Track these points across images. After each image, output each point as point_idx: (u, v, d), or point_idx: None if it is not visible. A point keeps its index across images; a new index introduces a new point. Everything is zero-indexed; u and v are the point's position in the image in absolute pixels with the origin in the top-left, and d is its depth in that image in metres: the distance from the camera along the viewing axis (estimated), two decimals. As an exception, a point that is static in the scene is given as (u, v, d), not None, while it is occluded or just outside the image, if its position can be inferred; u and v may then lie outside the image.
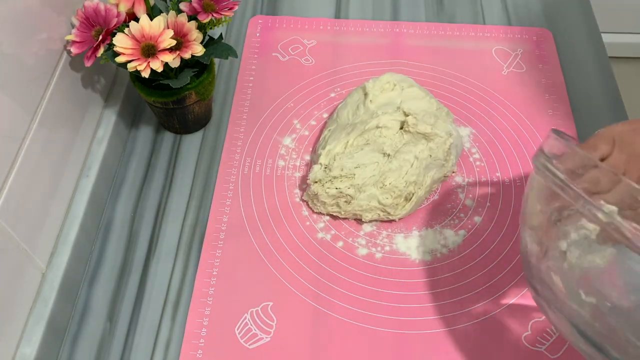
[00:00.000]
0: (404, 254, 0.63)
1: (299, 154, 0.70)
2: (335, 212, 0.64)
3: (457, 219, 0.65)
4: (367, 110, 0.67)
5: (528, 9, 0.85)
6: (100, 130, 0.68)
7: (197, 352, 0.57)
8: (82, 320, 0.60)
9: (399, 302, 0.60)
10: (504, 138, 0.71)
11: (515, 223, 0.65)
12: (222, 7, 0.62)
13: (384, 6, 0.86)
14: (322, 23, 0.83)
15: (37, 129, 0.55)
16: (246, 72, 0.78)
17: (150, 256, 0.63)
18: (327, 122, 0.71)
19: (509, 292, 0.60)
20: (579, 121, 0.73)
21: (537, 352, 0.57)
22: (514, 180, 0.68)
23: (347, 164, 0.62)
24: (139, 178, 0.69)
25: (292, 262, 0.62)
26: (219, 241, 0.64)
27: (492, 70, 0.78)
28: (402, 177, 0.61)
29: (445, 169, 0.65)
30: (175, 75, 0.63)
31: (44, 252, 0.58)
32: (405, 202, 0.63)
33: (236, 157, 0.70)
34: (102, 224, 0.66)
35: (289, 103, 0.75)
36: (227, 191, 0.67)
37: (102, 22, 0.60)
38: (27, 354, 0.53)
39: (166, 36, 0.59)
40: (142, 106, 0.75)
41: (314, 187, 0.63)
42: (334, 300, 0.60)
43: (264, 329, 0.58)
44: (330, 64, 0.79)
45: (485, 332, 0.58)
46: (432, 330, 0.58)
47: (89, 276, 0.62)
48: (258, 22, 0.84)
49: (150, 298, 0.61)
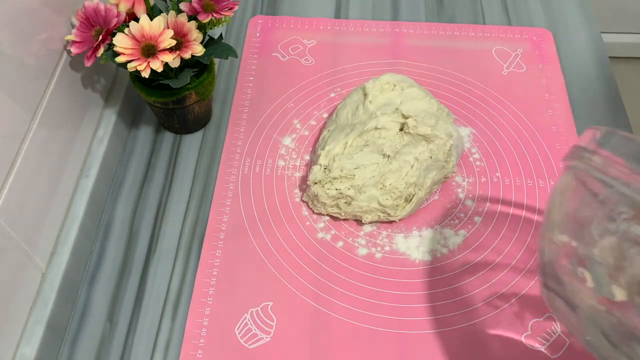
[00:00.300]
0: (404, 254, 0.63)
1: (299, 154, 0.70)
2: (336, 213, 0.64)
3: (457, 219, 0.65)
4: (367, 110, 0.67)
5: (528, 9, 0.85)
6: (100, 130, 0.68)
7: (197, 352, 0.57)
8: (82, 320, 0.60)
9: (399, 302, 0.60)
10: (504, 138, 0.71)
11: (515, 223, 0.65)
12: (222, 7, 0.62)
13: (384, 6, 0.86)
14: (322, 23, 0.83)
15: (37, 129, 0.55)
16: (246, 72, 0.78)
17: (150, 256, 0.63)
18: (327, 123, 0.71)
19: (509, 292, 0.60)
20: (579, 121, 0.73)
21: (537, 352, 0.57)
22: (514, 180, 0.68)
23: (346, 165, 0.62)
24: (139, 178, 0.69)
25: (292, 262, 0.62)
26: (219, 241, 0.64)
27: (492, 70, 0.78)
28: (402, 179, 0.61)
29: (446, 170, 0.65)
30: (175, 75, 0.63)
31: (44, 252, 0.58)
32: (405, 203, 0.63)
33: (236, 157, 0.70)
34: (102, 224, 0.66)
35: (289, 103, 0.75)
36: (227, 191, 0.67)
37: (102, 22, 0.60)
38: (27, 354, 0.53)
39: (166, 36, 0.59)
40: (142, 106, 0.75)
41: (314, 188, 0.63)
42: (334, 300, 0.60)
43: (264, 329, 0.58)
44: (330, 64, 0.79)
45: (485, 332, 0.58)
46: (432, 330, 0.58)
47: (89, 276, 0.62)
48: (258, 22, 0.84)
49: (150, 298, 0.61)
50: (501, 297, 0.60)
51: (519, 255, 0.62)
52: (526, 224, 0.64)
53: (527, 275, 0.61)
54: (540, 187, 0.67)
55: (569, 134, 0.71)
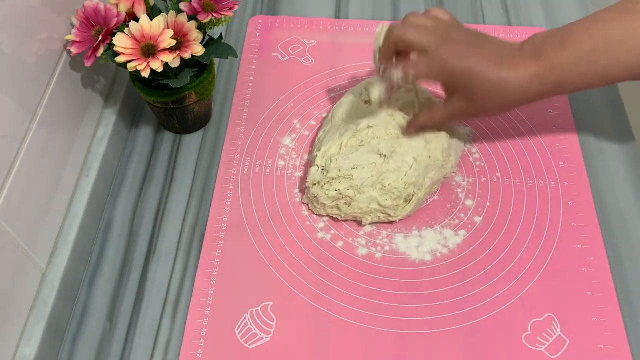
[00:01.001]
0: (404, 254, 0.63)
1: (299, 154, 0.70)
2: (336, 214, 0.64)
3: (457, 219, 0.65)
4: (362, 110, 0.67)
5: (528, 9, 0.85)
6: (100, 130, 0.68)
7: (197, 352, 0.57)
8: (82, 320, 0.60)
9: (399, 302, 0.60)
10: (504, 138, 0.71)
11: (516, 223, 0.65)
12: (222, 7, 0.62)
13: (384, 6, 0.86)
14: (322, 23, 0.83)
15: (37, 129, 0.55)
16: (246, 72, 0.78)
17: (150, 256, 0.63)
18: (323, 123, 0.71)
19: (509, 292, 0.60)
20: (579, 121, 0.73)
21: (537, 352, 0.57)
22: (514, 180, 0.68)
23: (343, 165, 0.62)
24: (139, 178, 0.69)
25: (292, 262, 0.62)
26: (219, 241, 0.64)
27: (492, 70, 0.78)
28: (401, 179, 0.61)
29: (445, 170, 0.65)
30: (175, 75, 0.63)
31: (44, 252, 0.58)
32: (405, 203, 0.63)
33: (236, 157, 0.70)
34: (102, 223, 0.66)
35: (289, 103, 0.75)
36: (227, 191, 0.67)
37: (102, 22, 0.60)
38: (27, 354, 0.53)
39: (166, 36, 0.59)
40: (142, 106, 0.75)
41: (313, 190, 0.63)
42: (334, 300, 0.60)
43: (264, 329, 0.58)
44: (330, 64, 0.79)
45: (485, 332, 0.58)
46: (432, 330, 0.58)
47: (89, 276, 0.62)
48: (258, 22, 0.84)
49: (150, 298, 0.61)
50: (501, 297, 0.60)
51: (519, 255, 0.62)
52: (526, 224, 0.64)
53: (527, 275, 0.61)
54: (540, 187, 0.67)
55: (569, 134, 0.71)
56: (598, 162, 0.69)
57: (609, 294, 0.60)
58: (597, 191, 0.67)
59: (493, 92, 0.58)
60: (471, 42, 0.59)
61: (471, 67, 0.57)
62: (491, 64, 0.57)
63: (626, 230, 0.64)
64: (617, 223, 0.64)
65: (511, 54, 0.58)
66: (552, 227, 0.64)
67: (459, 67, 0.57)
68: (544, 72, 0.57)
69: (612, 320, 0.58)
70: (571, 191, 0.67)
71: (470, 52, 0.58)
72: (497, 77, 0.57)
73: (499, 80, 0.57)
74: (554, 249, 0.63)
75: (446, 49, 0.58)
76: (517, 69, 0.57)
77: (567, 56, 0.57)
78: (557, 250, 0.63)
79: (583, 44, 0.57)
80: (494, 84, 0.57)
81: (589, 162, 0.69)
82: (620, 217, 0.65)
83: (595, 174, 0.68)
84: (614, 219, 0.65)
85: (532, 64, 0.57)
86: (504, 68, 0.57)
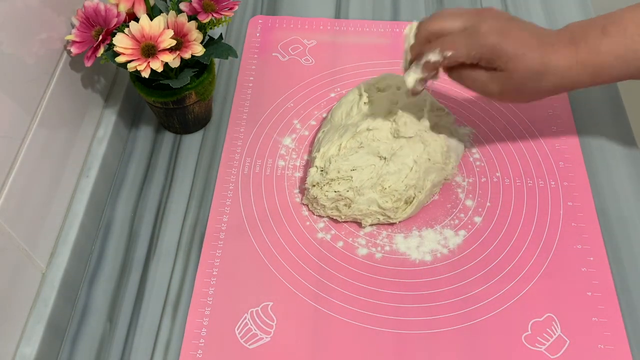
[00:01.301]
0: (404, 254, 0.63)
1: (299, 154, 0.70)
2: (336, 215, 0.64)
3: (457, 219, 0.65)
4: (360, 111, 0.67)
5: (528, 9, 0.85)
6: (100, 130, 0.68)
7: (197, 352, 0.57)
8: (82, 320, 0.60)
9: (399, 302, 0.60)
10: (504, 138, 0.71)
11: (516, 223, 0.65)
12: (222, 7, 0.62)
13: (384, 6, 0.86)
14: (322, 23, 0.83)
15: (37, 129, 0.55)
16: (246, 72, 0.78)
17: (150, 256, 0.63)
18: (322, 123, 0.71)
19: (509, 292, 0.60)
20: (579, 121, 0.73)
21: (537, 352, 0.57)
22: (514, 180, 0.68)
23: (343, 166, 0.62)
24: (139, 178, 0.69)
25: (292, 262, 0.62)
26: (219, 241, 0.64)
27: (492, 70, 0.78)
28: (401, 181, 0.61)
29: (445, 172, 0.65)
30: (175, 75, 0.63)
31: (44, 252, 0.58)
32: (405, 205, 0.62)
33: (236, 157, 0.70)
34: (102, 223, 0.66)
35: (289, 103, 0.75)
36: (227, 191, 0.67)
37: (102, 22, 0.60)
38: (27, 354, 0.53)
39: (166, 36, 0.59)
40: (142, 106, 0.75)
41: (313, 191, 0.63)
42: (334, 300, 0.60)
43: (264, 329, 0.58)
44: (330, 64, 0.79)
45: (485, 332, 0.58)
46: (432, 330, 0.58)
47: (89, 276, 0.62)
48: (258, 22, 0.84)
49: (150, 298, 0.61)
50: (501, 297, 0.60)
51: (519, 255, 0.62)
52: (526, 224, 0.64)
53: (527, 275, 0.61)
54: (540, 187, 0.67)
55: (569, 134, 0.71)
56: (598, 162, 0.69)
57: (609, 294, 0.60)
58: (597, 191, 0.67)
59: (533, 72, 0.55)
60: (509, 18, 0.57)
61: (513, 44, 0.54)
62: (533, 45, 0.55)
63: (626, 230, 0.64)
64: (617, 223, 0.64)
65: (551, 37, 0.57)
66: (552, 227, 0.64)
67: (501, 43, 0.54)
68: (584, 59, 0.55)
69: (612, 320, 0.58)
70: (571, 191, 0.67)
71: (511, 27, 0.55)
72: (539, 57, 0.55)
73: (540, 62, 0.55)
74: (554, 249, 0.63)
75: (486, 24, 0.55)
76: (557, 53, 0.55)
77: (608, 42, 0.55)
78: (557, 250, 0.63)
79: (627, 30, 0.55)
80: (535, 62, 0.55)
81: (589, 162, 0.69)
82: (620, 217, 0.65)
83: (595, 174, 0.68)
84: (614, 219, 0.65)
85: (572, 49, 0.56)
86: (547, 50, 0.55)
